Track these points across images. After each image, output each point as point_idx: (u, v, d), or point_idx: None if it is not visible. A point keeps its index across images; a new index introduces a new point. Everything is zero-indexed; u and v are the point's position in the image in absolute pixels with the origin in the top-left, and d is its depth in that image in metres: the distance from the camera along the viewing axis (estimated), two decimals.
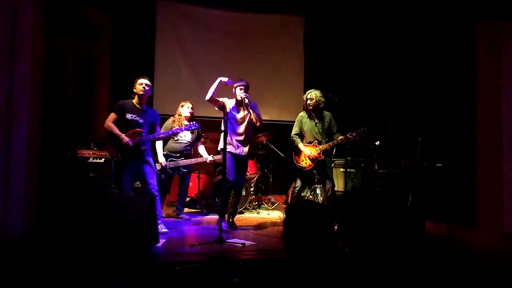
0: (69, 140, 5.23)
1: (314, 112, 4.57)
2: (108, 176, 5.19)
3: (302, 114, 4.69)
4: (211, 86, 4.36)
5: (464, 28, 5.07)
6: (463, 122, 5.16)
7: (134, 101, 4.21)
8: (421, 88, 5.89)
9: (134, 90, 4.20)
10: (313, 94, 4.55)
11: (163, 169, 4.89)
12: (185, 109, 5.06)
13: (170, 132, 4.37)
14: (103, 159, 5.21)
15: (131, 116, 4.13)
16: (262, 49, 7.31)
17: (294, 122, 4.75)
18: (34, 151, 3.81)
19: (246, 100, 4.32)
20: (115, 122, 4.09)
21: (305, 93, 4.69)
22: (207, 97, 4.34)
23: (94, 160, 5.15)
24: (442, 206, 4.81)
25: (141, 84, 4.17)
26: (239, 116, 4.51)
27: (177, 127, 4.88)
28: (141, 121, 4.17)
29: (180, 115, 5.05)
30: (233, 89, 4.49)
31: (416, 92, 5.95)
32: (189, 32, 7.08)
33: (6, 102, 3.41)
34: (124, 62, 6.43)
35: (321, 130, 4.56)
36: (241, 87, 4.41)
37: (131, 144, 4.04)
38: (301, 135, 4.66)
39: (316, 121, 4.58)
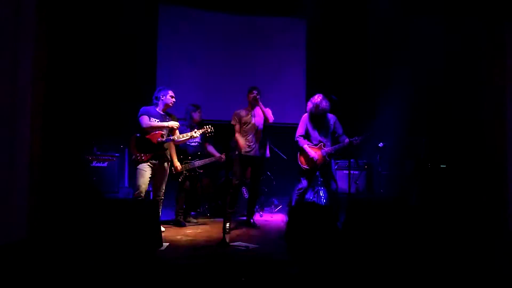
0: (73, 144, 5.24)
1: (319, 114, 4.56)
2: (111, 180, 5.19)
3: (307, 115, 4.68)
4: (213, 89, 4.39)
5: (469, 28, 5.04)
6: (468, 122, 5.13)
7: (157, 108, 4.45)
8: (425, 89, 5.86)
9: (163, 99, 4.43)
10: (316, 98, 4.55)
11: (179, 173, 4.85)
12: (197, 114, 5.09)
13: (187, 140, 4.59)
14: (106, 163, 5.22)
15: (156, 121, 4.35)
16: (264, 51, 7.31)
17: (296, 124, 4.74)
18: (38, 154, 3.81)
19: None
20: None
21: (309, 98, 4.70)
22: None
23: (97, 164, 5.16)
24: (447, 207, 4.78)
25: (173, 97, 4.48)
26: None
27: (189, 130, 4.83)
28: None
29: (191, 118, 5.07)
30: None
31: (420, 93, 5.92)
32: (190, 35, 7.09)
33: (8, 106, 3.42)
34: (126, 66, 6.45)
35: (325, 133, 4.57)
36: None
37: (163, 135, 4.30)
38: (306, 136, 4.65)
39: (320, 123, 4.58)
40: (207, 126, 4.56)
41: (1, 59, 3.35)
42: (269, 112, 4.70)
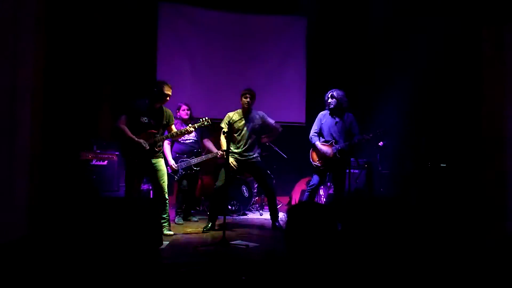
0: (72, 142, 5.22)
1: (335, 111, 4.54)
2: (111, 178, 5.19)
3: (323, 112, 4.68)
4: (213, 87, 4.31)
5: (469, 30, 5.05)
6: (468, 122, 5.13)
7: (148, 102, 4.12)
8: (425, 88, 5.86)
9: (159, 95, 4.07)
10: (336, 93, 4.54)
11: (175, 170, 4.87)
12: (182, 112, 5.06)
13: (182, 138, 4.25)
14: (105, 161, 5.21)
15: (145, 119, 4.07)
16: (264, 50, 7.30)
17: (296, 123, 4.75)
18: (37, 153, 3.81)
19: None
20: (126, 124, 4.03)
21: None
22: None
23: (97, 163, 5.15)
24: (446, 206, 4.78)
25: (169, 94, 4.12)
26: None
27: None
28: (153, 122, 4.11)
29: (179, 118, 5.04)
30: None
31: (420, 92, 5.92)
32: (190, 34, 7.07)
33: (8, 105, 3.42)
34: (126, 64, 6.44)
35: (340, 130, 4.53)
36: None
37: (147, 147, 3.97)
38: (320, 133, 4.65)
39: (337, 120, 4.56)
40: (203, 119, 4.20)
41: (1, 58, 3.35)
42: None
